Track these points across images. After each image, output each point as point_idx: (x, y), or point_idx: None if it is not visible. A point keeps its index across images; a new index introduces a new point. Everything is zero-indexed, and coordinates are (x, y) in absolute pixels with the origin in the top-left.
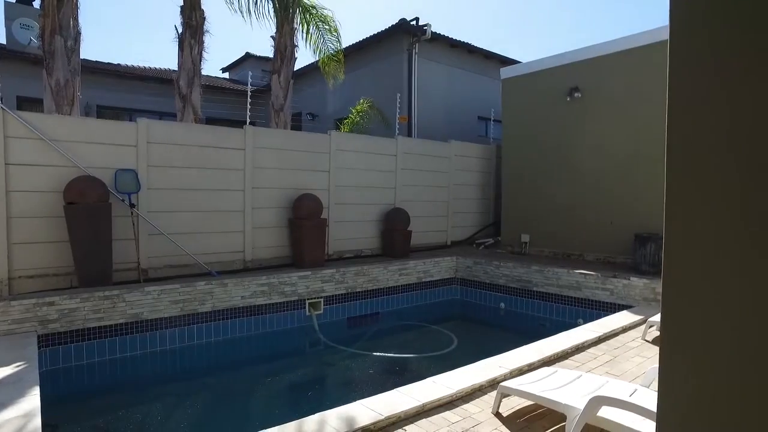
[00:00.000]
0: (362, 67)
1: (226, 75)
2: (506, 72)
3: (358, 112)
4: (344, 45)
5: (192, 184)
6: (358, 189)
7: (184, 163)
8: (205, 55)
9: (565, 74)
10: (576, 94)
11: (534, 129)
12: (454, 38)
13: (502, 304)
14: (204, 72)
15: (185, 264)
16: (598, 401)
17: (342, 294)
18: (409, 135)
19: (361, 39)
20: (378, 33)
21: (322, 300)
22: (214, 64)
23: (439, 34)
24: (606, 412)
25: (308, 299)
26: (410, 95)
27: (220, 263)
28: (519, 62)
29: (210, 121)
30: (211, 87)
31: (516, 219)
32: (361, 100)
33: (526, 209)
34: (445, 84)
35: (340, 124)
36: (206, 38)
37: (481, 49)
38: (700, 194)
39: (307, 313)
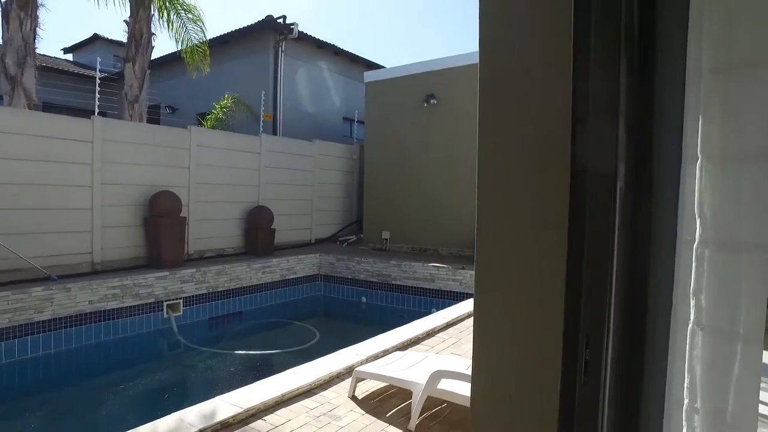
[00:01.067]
0: (228, 61)
1: (69, 57)
2: (370, 76)
3: (222, 108)
4: (210, 37)
5: (27, 179)
6: (221, 186)
7: (16, 154)
8: (40, 32)
9: (423, 82)
10: (432, 101)
11: (394, 131)
12: (320, 39)
13: (364, 298)
14: (41, 51)
15: (18, 268)
16: (438, 375)
17: (203, 294)
18: (275, 133)
19: (226, 32)
20: (244, 28)
21: (181, 301)
22: (53, 43)
23: (306, 34)
24: (445, 384)
25: (166, 301)
26: (276, 93)
27: (64, 266)
28: (383, 67)
29: (50, 108)
30: (50, 69)
31: (377, 216)
32: (226, 96)
33: (386, 207)
34: (311, 84)
35: (203, 119)
36: (41, 13)
37: (347, 51)
38: (496, 196)
39: (165, 316)
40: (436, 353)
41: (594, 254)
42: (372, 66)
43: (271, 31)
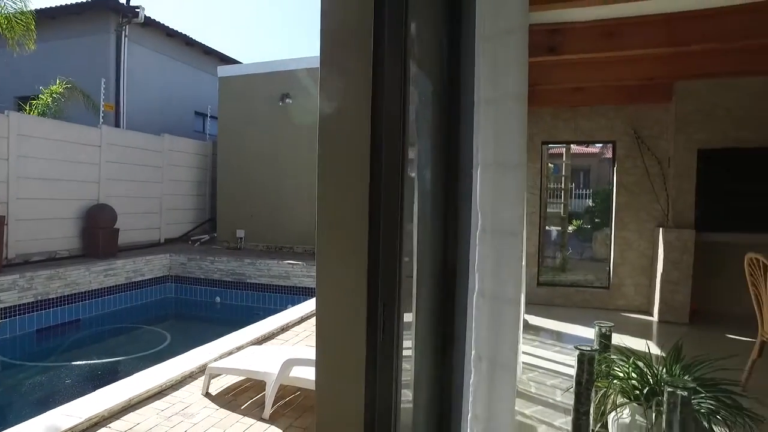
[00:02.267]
0: (58, 39)
1: None
2: (224, 70)
3: (53, 94)
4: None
5: None
6: (51, 182)
7: None
8: None
9: (279, 80)
10: (287, 100)
11: (249, 129)
12: (171, 27)
13: (218, 298)
14: None
15: None
16: (289, 363)
17: (29, 303)
18: (118, 125)
19: (54, 6)
20: (75, 4)
21: None
22: None
23: (154, 20)
24: (298, 372)
25: None
26: (119, 82)
27: None
28: (239, 62)
29: None
30: None
31: (231, 215)
32: (58, 81)
33: (241, 205)
34: (160, 74)
35: (24, 104)
36: None
37: (200, 43)
38: (327, 196)
39: None
40: (292, 346)
41: (387, 242)
42: (227, 60)
43: (111, 12)
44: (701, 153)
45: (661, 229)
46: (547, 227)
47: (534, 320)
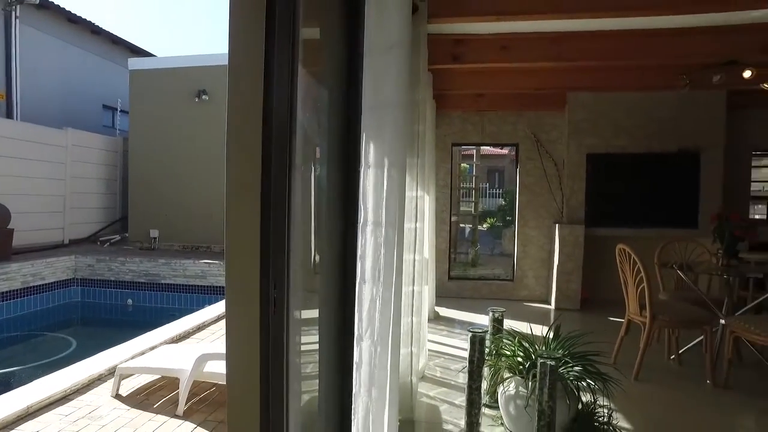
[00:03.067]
0: None
1: None
2: (135, 63)
3: None
4: None
5: None
6: None
7: None
8: None
9: (196, 76)
10: (204, 97)
11: (163, 125)
12: (73, 12)
13: (130, 300)
14: None
15: None
16: (203, 358)
17: None
18: (9, 116)
19: None
20: None
21: None
22: None
23: (52, 2)
24: (213, 368)
25: None
26: (9, 68)
27: None
28: (152, 54)
29: None
30: None
31: (144, 214)
32: None
33: (154, 204)
34: (60, 62)
35: None
36: None
37: (107, 31)
38: (233, 193)
39: None
40: (209, 343)
41: (276, 227)
42: (138, 51)
43: None
44: (589, 157)
45: (557, 225)
46: (461, 225)
47: (444, 312)
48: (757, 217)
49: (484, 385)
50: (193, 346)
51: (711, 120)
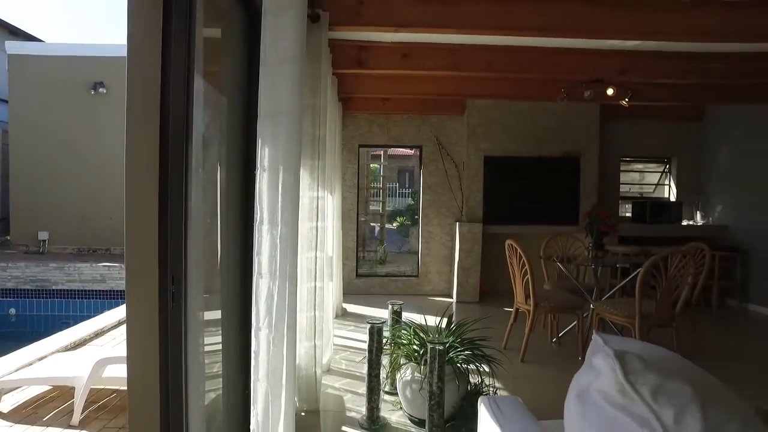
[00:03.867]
0: None
1: None
2: (15, 47)
3: None
4: None
5: None
6: None
7: None
8: None
9: (91, 66)
10: (101, 89)
11: (52, 118)
12: None
13: (13, 310)
14: None
15: None
16: (102, 363)
17: None
18: None
19: None
20: None
21: None
22: None
23: None
24: (113, 372)
25: None
26: None
27: None
28: (38, 39)
29: None
30: None
31: (31, 215)
32: None
33: (43, 204)
34: None
35: None
36: None
37: None
38: (131, 192)
39: None
40: (110, 349)
41: (174, 225)
42: (18, 33)
43: None
44: (486, 159)
45: (457, 223)
46: (372, 224)
47: (351, 308)
48: (627, 215)
49: (384, 373)
50: (90, 352)
51: (588, 129)
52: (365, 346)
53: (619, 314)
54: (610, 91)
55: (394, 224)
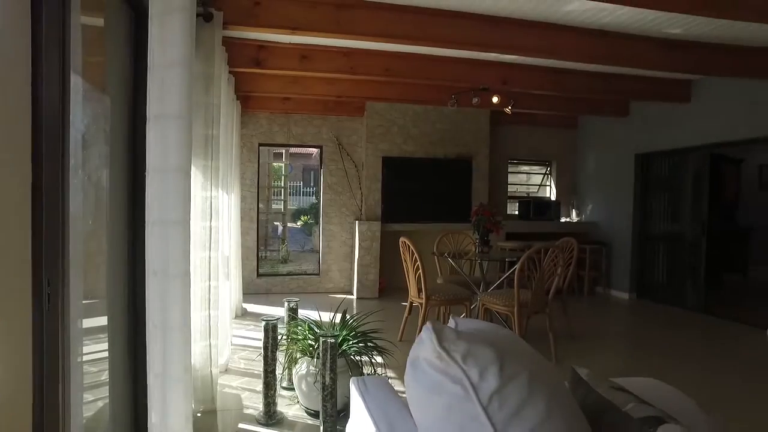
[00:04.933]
0: None
1: None
2: None
3: None
4: None
5: None
6: None
7: None
8: None
9: None
10: None
11: None
12: None
13: None
14: None
15: None
16: None
17: None
18: None
19: None
20: None
21: None
22: None
23: None
24: None
25: None
26: None
27: None
28: None
29: None
30: None
31: None
32: None
33: None
34: None
35: None
36: None
37: None
38: None
39: None
40: None
41: (50, 225)
42: None
43: None
44: (384, 160)
45: (357, 221)
46: (276, 223)
47: (252, 308)
48: (515, 212)
49: (281, 369)
50: None
51: (479, 132)
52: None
53: (500, 304)
54: (495, 99)
55: (298, 223)
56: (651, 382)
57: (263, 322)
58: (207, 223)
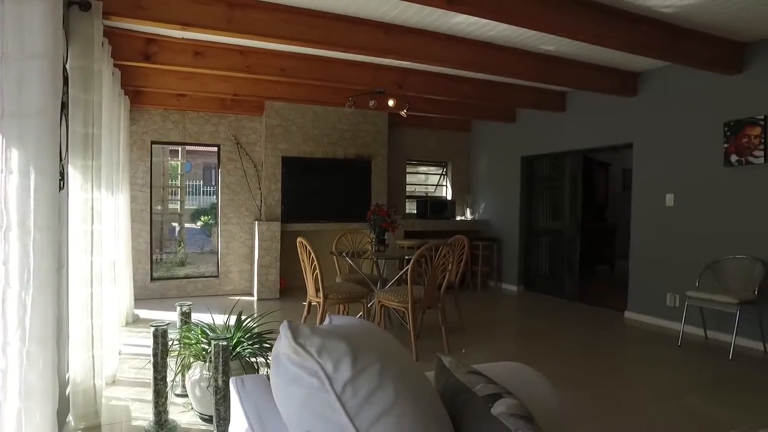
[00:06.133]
0: None
1: None
2: None
3: None
4: None
5: None
6: None
7: None
8: None
9: None
10: None
11: None
12: None
13: None
14: None
15: None
16: None
17: None
18: None
19: None
20: None
21: None
22: None
23: None
24: None
25: None
26: None
27: None
28: None
29: None
30: None
31: None
32: None
33: None
34: None
35: None
36: None
37: None
38: None
39: None
40: None
41: None
42: None
43: None
44: (284, 159)
45: (257, 222)
46: (173, 224)
47: (145, 314)
48: (414, 211)
49: (173, 375)
50: None
51: (378, 134)
52: None
53: (395, 300)
54: (390, 103)
55: (198, 224)
56: (513, 365)
57: (152, 328)
58: (88, 227)
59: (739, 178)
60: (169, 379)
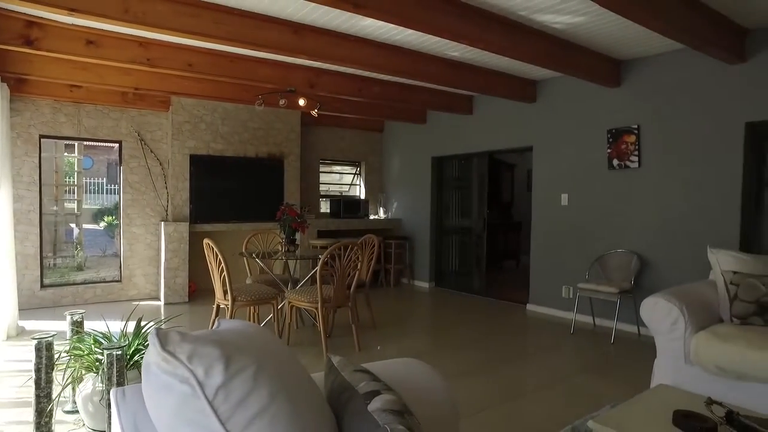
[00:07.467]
0: None
1: None
2: None
3: None
4: None
5: None
6: None
7: None
8: None
9: None
10: None
11: None
12: None
13: None
14: None
15: None
16: None
17: None
18: None
19: None
20: None
21: None
22: None
23: None
24: None
25: None
26: None
27: None
28: None
29: None
30: None
31: None
32: None
33: None
34: None
35: None
36: None
37: None
38: None
39: None
40: None
41: None
42: None
43: None
44: (192, 158)
45: (163, 222)
46: (71, 225)
47: (32, 325)
48: (327, 211)
49: (60, 390)
50: None
51: (290, 132)
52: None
53: (305, 300)
54: (301, 102)
55: (101, 224)
56: (406, 361)
57: (35, 341)
58: None
59: (619, 180)
60: (55, 394)
